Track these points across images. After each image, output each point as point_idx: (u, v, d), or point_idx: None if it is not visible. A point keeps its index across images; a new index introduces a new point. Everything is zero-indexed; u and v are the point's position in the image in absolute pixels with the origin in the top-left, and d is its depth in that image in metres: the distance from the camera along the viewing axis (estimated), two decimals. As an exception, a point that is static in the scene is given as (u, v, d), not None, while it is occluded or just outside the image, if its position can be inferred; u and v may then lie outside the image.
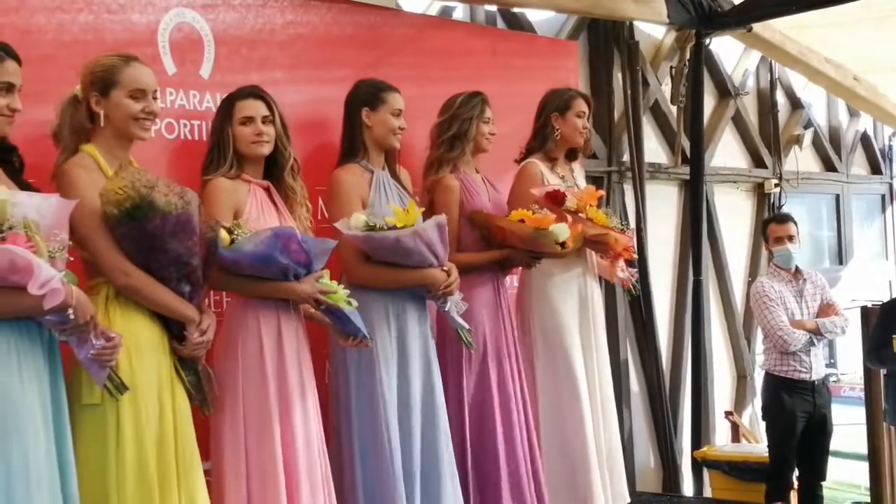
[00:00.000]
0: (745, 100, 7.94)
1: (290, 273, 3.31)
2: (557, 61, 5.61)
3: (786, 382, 5.65)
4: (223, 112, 3.48)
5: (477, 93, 4.29)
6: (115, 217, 2.86)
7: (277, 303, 3.38)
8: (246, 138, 3.44)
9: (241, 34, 3.97)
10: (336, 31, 4.34)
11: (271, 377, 3.32)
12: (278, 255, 3.24)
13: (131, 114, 3.01)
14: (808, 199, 9.04)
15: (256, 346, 3.33)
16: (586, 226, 4.34)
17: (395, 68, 4.38)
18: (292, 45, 4.14)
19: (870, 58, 7.41)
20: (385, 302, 3.79)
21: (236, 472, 3.27)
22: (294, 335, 3.42)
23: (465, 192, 4.21)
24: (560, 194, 4.28)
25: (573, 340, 4.41)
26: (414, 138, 4.24)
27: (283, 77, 4.05)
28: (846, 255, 9.42)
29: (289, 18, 4.14)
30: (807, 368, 5.63)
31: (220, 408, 3.27)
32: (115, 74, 3.00)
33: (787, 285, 5.72)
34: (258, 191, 3.47)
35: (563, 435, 4.37)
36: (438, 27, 5.03)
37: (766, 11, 6.18)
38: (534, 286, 4.45)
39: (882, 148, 10.18)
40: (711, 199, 7.42)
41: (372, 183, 3.85)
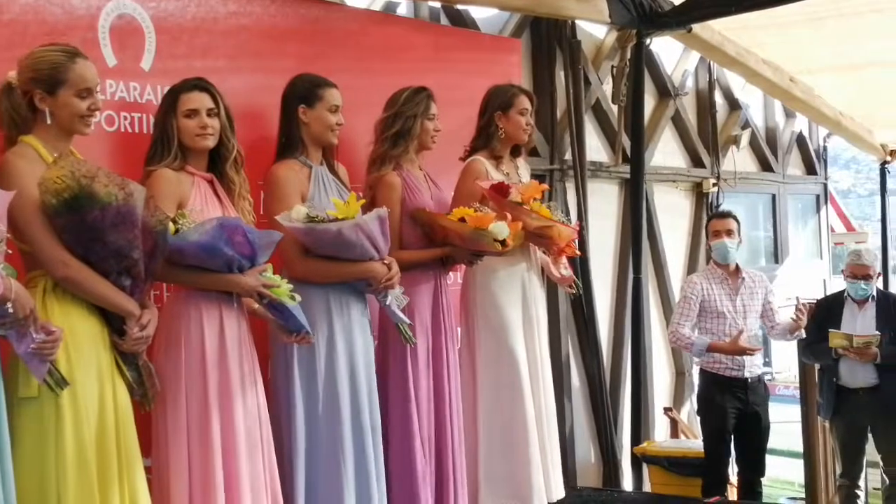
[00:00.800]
0: (684, 100, 8.04)
1: (234, 265, 3.28)
2: (500, 59, 5.62)
3: (718, 379, 5.71)
4: (167, 104, 3.43)
5: (422, 88, 4.27)
6: (54, 207, 2.81)
7: (220, 296, 3.35)
8: (190, 131, 3.39)
9: (183, 23, 3.91)
10: (280, 22, 4.31)
11: (212, 371, 3.29)
12: (223, 245, 3.21)
13: (78, 112, 2.97)
14: (746, 198, 9.18)
15: (198, 340, 3.29)
16: (530, 218, 4.34)
17: (338, 61, 4.36)
18: (235, 35, 4.10)
19: (805, 59, 7.53)
20: (326, 296, 3.77)
21: (178, 467, 3.23)
22: (237, 329, 3.39)
23: (406, 190, 4.20)
24: (505, 186, 4.29)
25: (516, 336, 4.42)
26: (356, 132, 4.21)
27: (226, 66, 4.01)
28: (782, 254, 9.58)
29: (231, 9, 4.10)
30: (739, 366, 5.67)
31: (162, 402, 3.23)
32: (63, 73, 2.93)
33: (722, 283, 5.75)
34: (202, 183, 3.44)
35: (505, 430, 4.38)
36: (382, 22, 5.01)
37: (705, 12, 6.25)
38: (478, 282, 4.46)
39: (817, 149, 10.38)
40: (651, 198, 7.50)
41: (311, 178, 3.83)
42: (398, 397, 4.10)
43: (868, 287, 5.79)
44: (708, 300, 5.72)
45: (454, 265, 4.49)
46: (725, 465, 5.83)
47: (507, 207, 4.29)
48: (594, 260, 6.64)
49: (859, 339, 5.61)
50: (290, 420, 3.69)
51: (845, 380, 5.76)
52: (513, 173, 4.57)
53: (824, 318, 5.93)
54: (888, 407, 5.72)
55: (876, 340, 5.61)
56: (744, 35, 6.91)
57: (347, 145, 4.16)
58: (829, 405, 5.90)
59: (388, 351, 4.13)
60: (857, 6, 6.31)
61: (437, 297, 4.30)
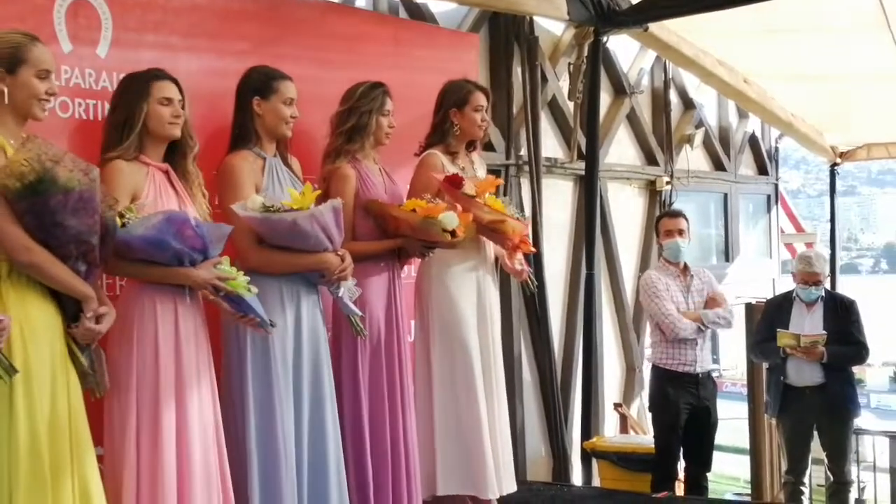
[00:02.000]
0: (639, 98, 8.09)
1: (185, 258, 3.26)
2: (458, 53, 5.62)
3: (671, 375, 5.77)
4: (137, 90, 3.38)
5: (378, 84, 4.27)
6: (17, 191, 2.79)
7: (174, 289, 3.33)
8: (163, 118, 3.39)
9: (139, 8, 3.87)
10: (236, 5, 4.29)
11: (166, 364, 3.28)
12: (171, 239, 3.19)
13: (36, 94, 2.96)
14: (698, 197, 9.27)
15: (152, 332, 3.28)
16: (483, 211, 4.36)
17: (294, 48, 4.35)
18: (190, 13, 4.06)
19: (758, 65, 7.63)
20: (279, 287, 3.76)
21: (128, 458, 3.21)
22: (192, 322, 3.38)
23: (360, 182, 4.20)
24: (458, 178, 4.31)
25: (470, 330, 4.45)
26: (311, 122, 4.19)
27: (182, 48, 3.99)
28: (732, 253, 9.68)
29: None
30: (692, 361, 5.75)
31: (115, 392, 3.22)
32: (24, 53, 2.94)
33: (675, 280, 5.83)
34: (157, 174, 3.41)
35: (459, 423, 4.41)
36: (340, 12, 4.98)
37: (662, 12, 6.29)
38: (433, 276, 4.48)
39: (769, 149, 10.51)
40: (605, 195, 7.55)
41: (265, 169, 3.82)
42: (349, 389, 4.10)
43: (818, 291, 5.91)
44: (667, 292, 5.80)
45: (408, 258, 4.49)
46: (676, 461, 5.89)
47: (461, 199, 4.31)
48: (547, 255, 6.67)
49: (806, 339, 5.71)
50: (243, 414, 3.67)
51: (792, 378, 5.86)
52: (468, 168, 4.58)
53: (773, 318, 6.02)
54: (834, 405, 5.83)
55: (822, 340, 5.71)
56: (699, 37, 6.98)
57: (302, 135, 4.13)
58: (776, 403, 5.99)
59: (339, 343, 4.12)
60: (809, 23, 6.42)
61: (391, 289, 4.30)
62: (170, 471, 3.24)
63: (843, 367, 5.88)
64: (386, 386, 4.19)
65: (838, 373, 5.83)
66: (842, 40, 6.79)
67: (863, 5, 6.03)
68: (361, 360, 4.12)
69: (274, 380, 3.70)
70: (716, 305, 5.87)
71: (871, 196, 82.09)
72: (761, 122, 9.87)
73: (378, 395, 4.16)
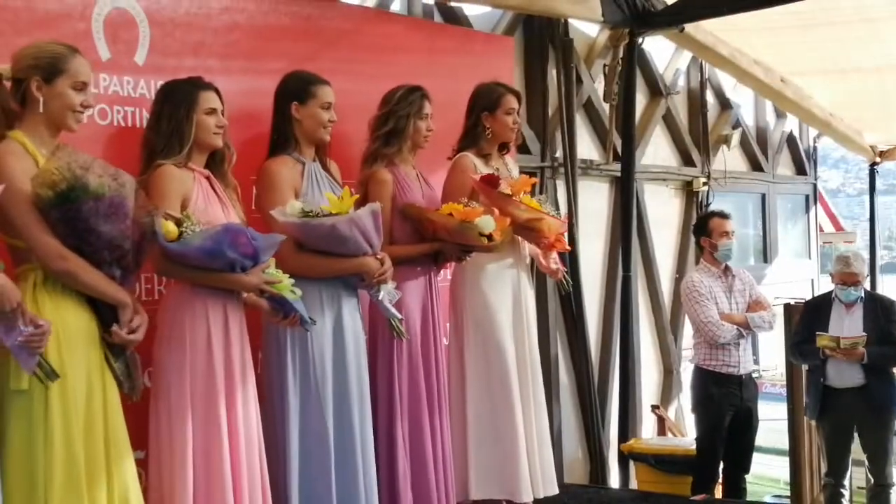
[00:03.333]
0: (675, 99, 8.07)
1: (237, 266, 3.31)
2: (493, 56, 5.62)
3: (714, 376, 5.78)
4: (185, 99, 3.41)
5: (416, 87, 4.28)
6: (49, 199, 2.83)
7: (225, 291, 3.38)
8: (210, 128, 3.44)
9: (176, 17, 3.91)
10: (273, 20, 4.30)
11: (218, 366, 3.32)
12: (226, 249, 3.24)
13: (71, 105, 2.98)
14: (735, 197, 9.21)
15: (204, 334, 3.31)
16: (519, 210, 4.34)
17: (330, 62, 4.33)
18: (228, 33, 4.10)
19: (796, 62, 7.58)
20: (319, 291, 3.78)
21: (182, 460, 3.23)
22: (239, 324, 3.43)
23: (398, 186, 4.21)
24: (495, 177, 4.31)
25: (505, 332, 4.44)
26: (349, 130, 4.22)
27: (218, 65, 4.01)
28: (771, 254, 9.62)
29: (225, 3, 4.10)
30: (735, 363, 5.76)
31: (164, 395, 3.26)
32: (63, 63, 2.96)
33: (717, 281, 5.84)
34: (202, 180, 3.45)
35: (494, 426, 4.40)
36: (375, 20, 5.00)
37: (697, 12, 6.28)
38: (467, 278, 4.48)
39: (807, 149, 10.42)
40: (641, 197, 7.53)
41: (304, 174, 3.84)
42: (384, 394, 4.12)
43: (857, 291, 5.84)
44: (710, 295, 5.81)
45: (445, 262, 4.50)
46: (718, 462, 5.88)
47: (497, 199, 4.30)
48: (583, 258, 6.66)
49: (846, 341, 5.65)
50: (283, 414, 3.70)
51: (832, 380, 5.80)
52: (502, 170, 4.57)
53: (812, 319, 5.97)
54: (874, 407, 5.76)
55: (862, 341, 5.65)
56: (735, 36, 6.94)
57: (341, 142, 4.16)
58: (815, 405, 5.93)
59: (376, 347, 4.14)
60: (846, 15, 6.37)
61: (428, 294, 4.31)
62: (226, 471, 3.27)
63: (884, 367, 5.82)
64: (424, 390, 4.20)
65: (879, 373, 5.76)
66: (880, 32, 6.72)
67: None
68: (398, 364, 4.13)
69: (313, 383, 3.72)
70: (760, 308, 5.90)
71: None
72: (799, 121, 9.79)
73: (415, 399, 4.17)
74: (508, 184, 4.38)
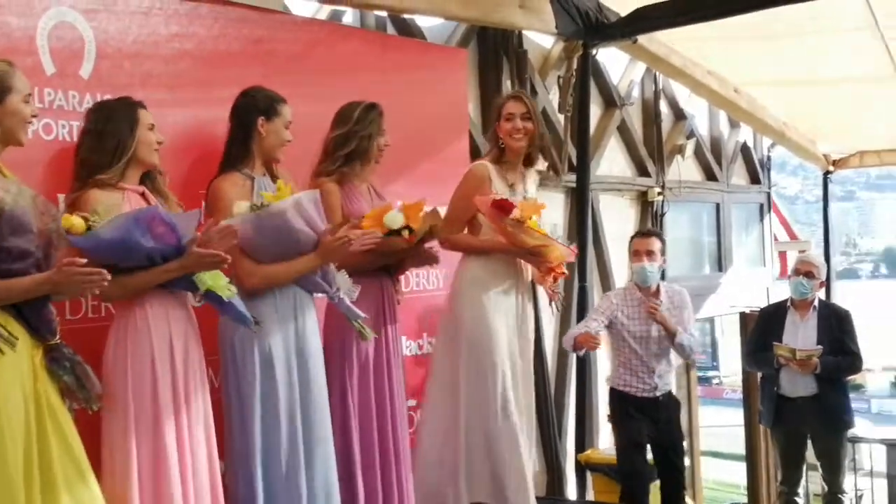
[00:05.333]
0: (629, 110, 8.11)
1: (156, 257, 3.26)
2: (447, 68, 5.64)
3: (629, 398, 5.54)
4: (127, 116, 3.42)
5: (373, 105, 4.25)
6: None
7: (164, 297, 3.35)
8: (152, 144, 3.46)
9: (123, 31, 3.86)
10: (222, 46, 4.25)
11: (162, 374, 3.30)
12: (140, 237, 3.19)
13: (25, 118, 3.02)
14: (690, 207, 9.28)
15: (146, 343, 3.29)
16: (531, 237, 4.26)
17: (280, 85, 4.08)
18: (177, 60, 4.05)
19: (749, 72, 7.65)
20: (274, 300, 3.74)
21: (128, 473, 3.21)
22: (183, 335, 3.40)
23: (345, 199, 4.18)
24: (508, 204, 4.19)
25: (504, 353, 4.34)
26: (301, 152, 4.13)
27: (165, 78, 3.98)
28: (725, 262, 9.69)
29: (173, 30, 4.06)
30: (650, 388, 5.51)
31: (112, 408, 3.24)
32: (10, 80, 2.99)
33: (639, 307, 5.51)
34: (133, 196, 3.43)
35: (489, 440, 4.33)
36: (327, 35, 4.96)
37: (650, 24, 6.30)
38: (469, 295, 4.37)
39: (761, 158, 10.54)
40: (597, 207, 7.56)
41: (253, 190, 3.81)
42: (338, 406, 4.08)
43: (809, 285, 5.87)
44: (616, 322, 5.53)
45: (400, 273, 4.47)
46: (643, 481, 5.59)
47: (505, 225, 4.22)
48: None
49: (802, 353, 5.71)
50: (244, 426, 3.66)
51: (785, 389, 5.86)
52: (518, 182, 4.47)
53: (767, 328, 6.03)
54: (827, 416, 5.82)
55: (818, 353, 5.71)
56: (689, 46, 6.99)
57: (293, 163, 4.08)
58: (769, 413, 5.99)
59: (327, 359, 4.10)
60: (800, 27, 6.43)
61: (380, 305, 4.28)
62: (175, 483, 3.25)
63: (836, 377, 5.88)
64: (374, 404, 4.18)
65: (832, 383, 5.82)
66: (831, 44, 6.81)
67: (851, 8, 6.04)
68: (349, 377, 4.12)
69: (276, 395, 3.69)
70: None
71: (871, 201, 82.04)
72: (753, 131, 9.89)
73: (366, 414, 4.15)
74: (520, 207, 4.25)
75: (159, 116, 3.59)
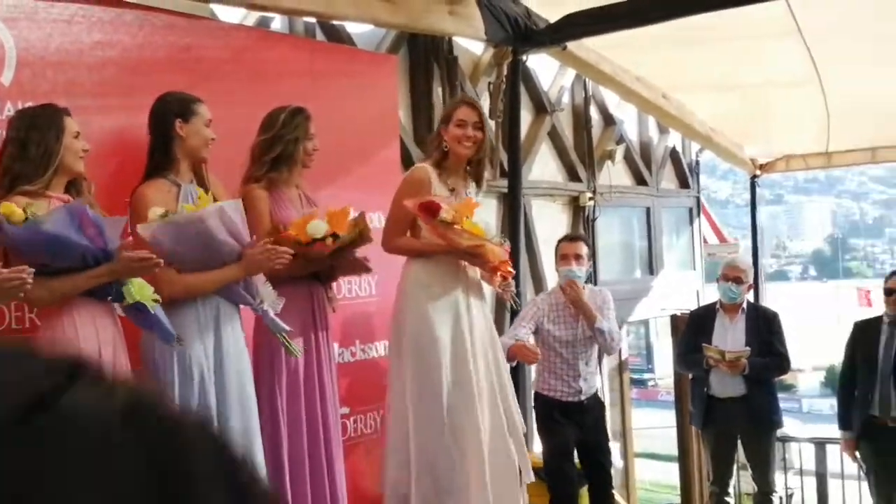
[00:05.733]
0: (560, 116, 8.15)
1: (88, 258, 3.22)
2: (377, 75, 5.63)
3: (553, 402, 5.55)
4: (53, 124, 3.37)
5: (300, 109, 4.23)
6: None
7: (92, 306, 3.31)
8: (77, 152, 3.41)
9: (44, 35, 3.81)
10: (148, 53, 4.20)
11: None
12: (73, 234, 3.16)
13: None
14: (621, 212, 9.37)
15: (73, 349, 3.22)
16: (462, 238, 4.28)
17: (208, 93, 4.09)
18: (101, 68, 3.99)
19: (677, 77, 7.76)
20: (197, 312, 3.71)
21: None
22: (111, 344, 3.37)
23: (274, 205, 4.16)
24: (435, 205, 4.21)
25: (444, 354, 4.36)
26: (231, 157, 4.13)
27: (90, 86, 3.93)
28: (656, 266, 9.79)
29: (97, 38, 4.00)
30: (575, 391, 5.51)
31: None
32: None
33: (564, 310, 5.55)
34: (57, 204, 3.37)
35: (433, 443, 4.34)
36: (255, 42, 4.93)
37: (578, 31, 6.35)
38: (411, 297, 4.40)
39: (689, 163, 10.66)
40: (529, 212, 7.59)
41: (179, 197, 3.77)
42: (267, 417, 4.05)
43: (738, 290, 5.97)
44: (542, 328, 5.53)
45: (330, 280, 4.46)
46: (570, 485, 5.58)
47: (436, 227, 4.24)
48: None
49: (731, 354, 5.80)
50: None
51: (715, 390, 5.94)
52: (460, 188, 4.49)
53: (697, 329, 6.11)
54: (756, 417, 5.92)
55: (746, 355, 5.80)
56: (617, 54, 7.07)
57: (221, 170, 4.07)
58: (700, 414, 6.07)
59: (257, 372, 4.07)
60: (726, 32, 6.53)
61: (312, 313, 4.26)
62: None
63: (765, 378, 5.98)
64: (305, 413, 4.15)
65: (760, 384, 5.92)
66: (756, 49, 6.93)
67: (774, 12, 6.14)
68: (279, 385, 4.09)
69: (193, 403, 3.64)
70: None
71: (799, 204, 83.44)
72: (681, 136, 10.01)
73: (296, 422, 4.12)
74: (451, 208, 4.28)
75: (84, 124, 3.54)
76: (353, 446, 4.96)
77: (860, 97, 7.93)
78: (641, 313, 9.57)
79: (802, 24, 6.36)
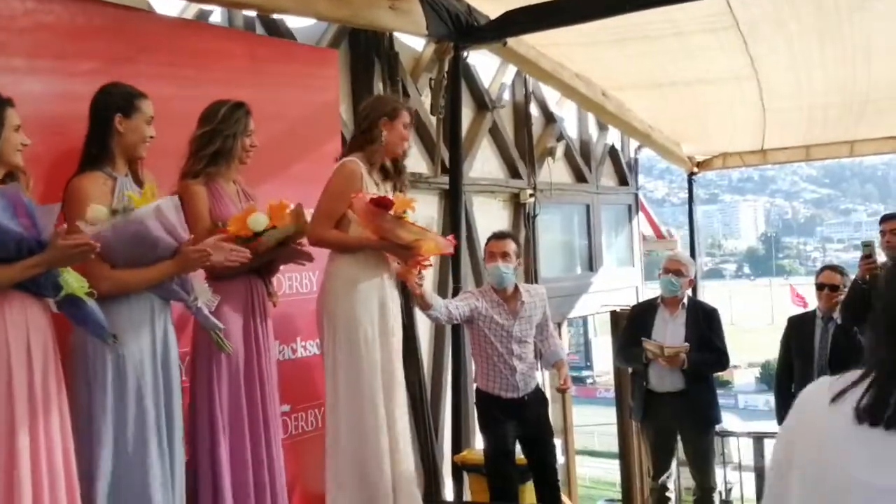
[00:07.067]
0: (501, 112, 8.18)
1: (23, 247, 3.13)
2: (318, 69, 5.59)
3: (493, 399, 5.45)
4: None
5: (240, 104, 4.18)
6: None
7: (23, 299, 3.20)
8: (16, 145, 3.31)
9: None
10: (82, 22, 4.12)
11: (20, 390, 3.15)
12: (9, 221, 3.08)
13: None
14: (561, 208, 9.42)
15: (3, 352, 3.14)
16: (409, 232, 4.26)
17: (147, 66, 4.19)
18: (34, 33, 3.91)
19: (615, 75, 7.81)
20: (129, 308, 3.62)
21: None
22: (42, 342, 3.26)
23: (213, 201, 4.10)
24: (387, 200, 4.19)
25: (373, 347, 4.33)
26: (166, 139, 4.04)
27: (23, 65, 3.84)
28: (596, 263, 9.86)
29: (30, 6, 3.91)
30: (513, 387, 5.41)
31: None
32: None
33: (498, 309, 5.40)
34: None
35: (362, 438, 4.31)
36: (194, 29, 4.87)
37: (518, 27, 6.37)
38: (338, 292, 4.35)
39: (628, 161, 10.77)
40: (470, 209, 7.59)
41: (115, 191, 3.69)
42: (204, 415, 4.00)
43: (678, 283, 6.01)
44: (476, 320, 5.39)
45: (269, 274, 4.40)
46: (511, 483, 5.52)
47: (384, 221, 4.20)
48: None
49: (670, 349, 5.84)
50: (92, 438, 3.52)
51: (654, 384, 5.98)
52: (380, 184, 4.48)
53: (638, 324, 6.15)
54: (694, 412, 5.97)
55: (685, 349, 5.85)
56: (557, 52, 7.10)
57: (156, 152, 3.99)
58: (639, 408, 6.11)
59: (194, 366, 4.02)
60: (659, 30, 6.58)
61: (251, 306, 4.20)
62: (26, 494, 3.11)
63: (703, 373, 6.03)
64: (245, 408, 4.09)
65: (699, 380, 5.97)
66: (691, 46, 6.99)
67: (712, 9, 6.20)
68: (218, 381, 4.02)
69: (130, 405, 3.56)
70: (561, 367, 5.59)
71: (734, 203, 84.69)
72: (621, 134, 10.10)
73: (237, 418, 4.06)
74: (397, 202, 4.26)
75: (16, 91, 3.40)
76: (293, 444, 4.91)
77: (795, 95, 8.05)
78: (582, 310, 9.63)
79: (741, 19, 6.42)
